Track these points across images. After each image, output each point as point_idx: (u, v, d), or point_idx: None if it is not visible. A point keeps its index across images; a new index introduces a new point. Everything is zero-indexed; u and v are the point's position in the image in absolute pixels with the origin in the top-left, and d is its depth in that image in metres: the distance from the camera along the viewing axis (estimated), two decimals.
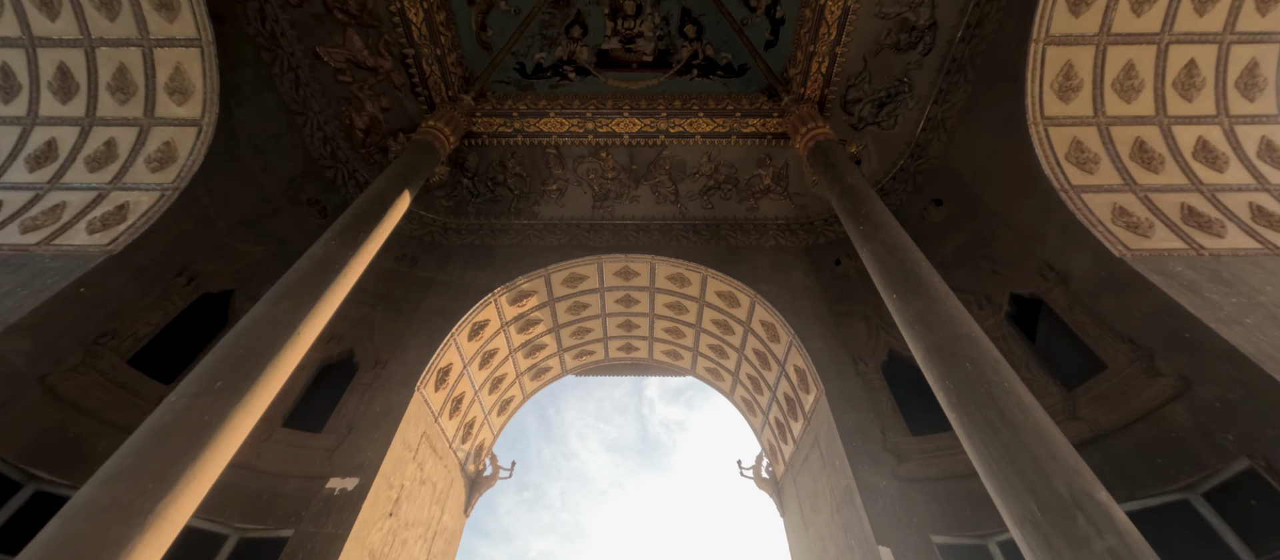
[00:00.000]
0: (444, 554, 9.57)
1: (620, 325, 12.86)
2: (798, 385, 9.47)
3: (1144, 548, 3.55)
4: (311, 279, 6.09)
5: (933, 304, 5.64)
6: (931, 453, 7.13)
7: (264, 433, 7.21)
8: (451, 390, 9.65)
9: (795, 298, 10.00)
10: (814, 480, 8.83)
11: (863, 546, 6.73)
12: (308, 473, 7.04)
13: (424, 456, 8.66)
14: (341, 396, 8.07)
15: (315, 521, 6.54)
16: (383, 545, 7.28)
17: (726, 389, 13.04)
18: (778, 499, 10.95)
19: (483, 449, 11.64)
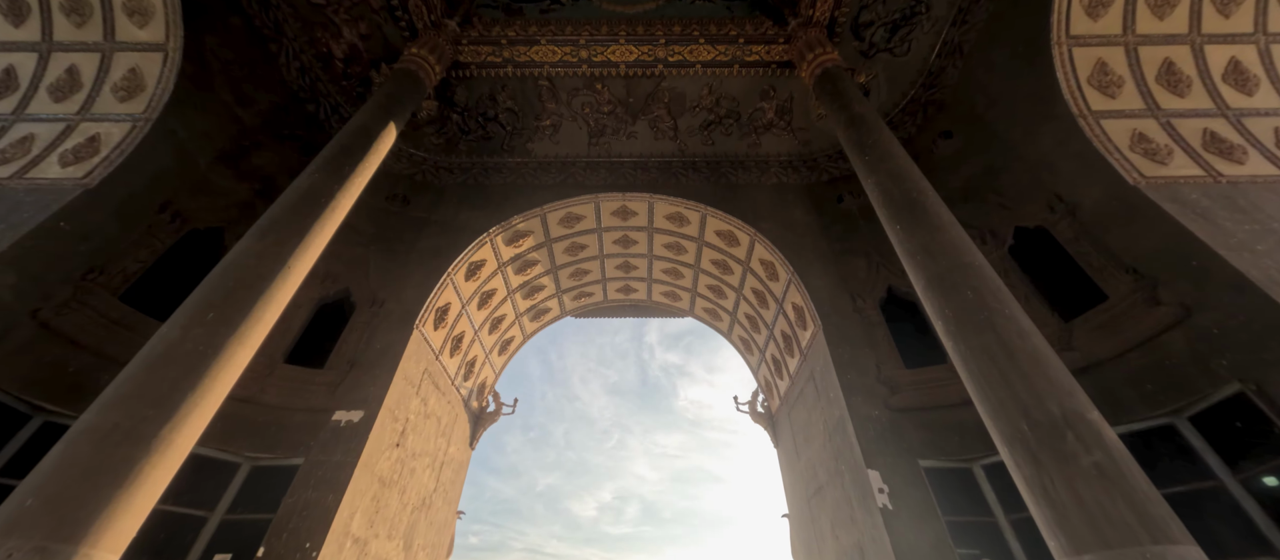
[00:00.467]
0: (452, 482, 10.03)
1: (619, 267, 12.77)
2: (795, 323, 9.52)
3: (1130, 463, 3.63)
4: (298, 213, 5.90)
5: (936, 234, 5.50)
6: (923, 385, 7.26)
7: (266, 368, 7.30)
8: (451, 329, 9.70)
9: (796, 236, 9.84)
10: (808, 413, 9.08)
11: (852, 471, 6.99)
12: (312, 406, 7.18)
13: (427, 392, 8.84)
14: (341, 334, 8.11)
15: (324, 450, 6.75)
16: (392, 473, 7.57)
17: (724, 329, 13.17)
18: (772, 432, 11.34)
19: (485, 387, 11.91)
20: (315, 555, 5.84)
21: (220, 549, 6.00)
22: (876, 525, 6.23)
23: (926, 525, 6.01)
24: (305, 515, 6.15)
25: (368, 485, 6.89)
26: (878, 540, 6.21)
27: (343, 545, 6.33)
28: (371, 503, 7.01)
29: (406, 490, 8.05)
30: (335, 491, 6.36)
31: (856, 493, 6.86)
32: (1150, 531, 3.26)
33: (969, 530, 6.10)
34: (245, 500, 6.46)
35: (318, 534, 6.00)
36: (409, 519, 8.16)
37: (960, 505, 6.32)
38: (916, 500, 6.23)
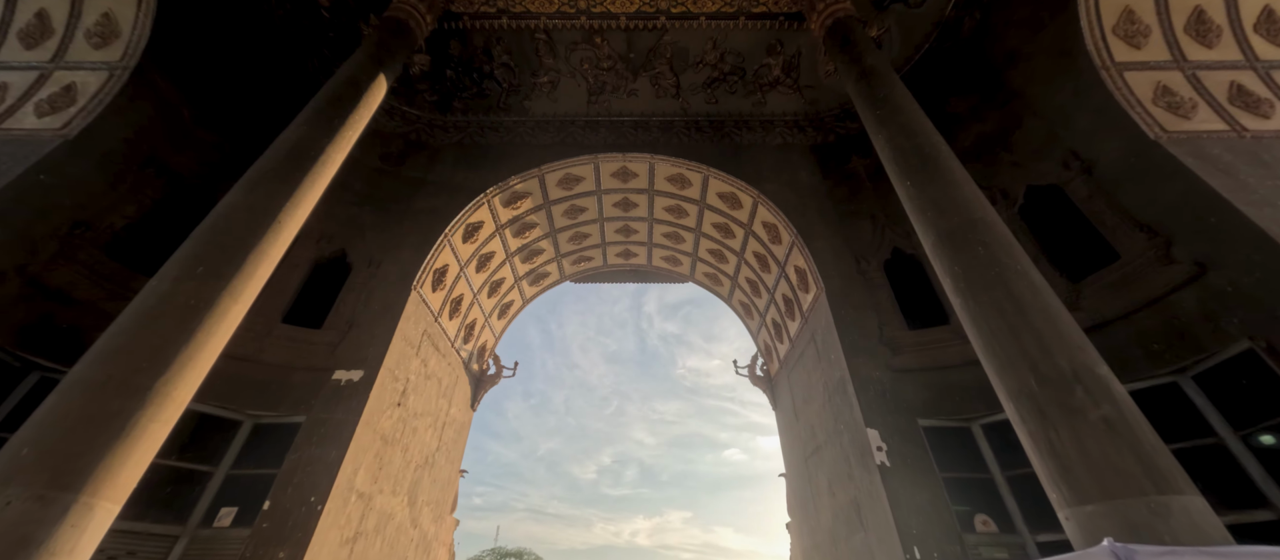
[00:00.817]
0: (454, 442, 10.16)
1: (618, 230, 12.58)
2: (797, 286, 9.43)
3: (1138, 416, 3.59)
4: (287, 166, 5.69)
5: (949, 189, 5.33)
6: (925, 346, 7.22)
7: (264, 327, 7.23)
8: (449, 291, 9.61)
9: (800, 197, 9.63)
10: (807, 375, 9.10)
11: (851, 430, 7.05)
12: (312, 365, 7.16)
13: (427, 353, 8.83)
14: (338, 295, 8.01)
15: (326, 408, 6.76)
16: (394, 431, 7.63)
17: (724, 294, 13.10)
18: (771, 394, 11.44)
19: (485, 349, 11.93)
20: (320, 508, 5.92)
21: (226, 502, 6.08)
22: (874, 482, 6.31)
23: (923, 481, 6.09)
24: (309, 470, 6.21)
25: (370, 443, 6.94)
26: (874, 496, 6.30)
27: (347, 499, 6.42)
28: (374, 460, 7.08)
29: (409, 448, 8.14)
30: (338, 448, 6.40)
31: (855, 451, 6.93)
32: (1155, 482, 3.24)
33: (965, 486, 6.18)
34: (249, 456, 6.51)
35: (322, 488, 6.07)
36: (413, 476, 8.29)
37: (957, 463, 6.39)
38: (914, 458, 6.28)
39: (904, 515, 5.83)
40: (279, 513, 5.88)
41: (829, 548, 7.88)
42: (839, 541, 7.46)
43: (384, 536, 7.35)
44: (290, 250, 8.24)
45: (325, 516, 5.95)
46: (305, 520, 5.83)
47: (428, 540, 8.91)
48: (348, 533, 6.46)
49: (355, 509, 6.61)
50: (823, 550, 8.17)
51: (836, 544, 7.55)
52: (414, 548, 8.35)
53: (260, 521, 5.82)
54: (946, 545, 5.62)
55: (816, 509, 8.47)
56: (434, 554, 9.14)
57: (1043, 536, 5.66)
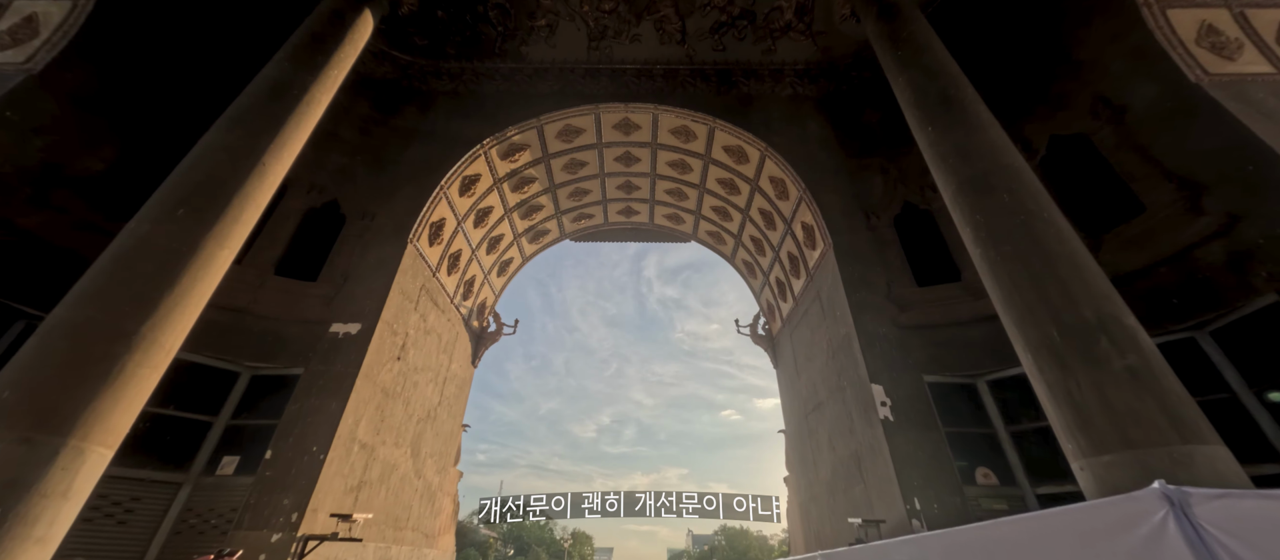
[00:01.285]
0: (456, 397, 10.20)
1: (620, 187, 12.22)
2: (803, 242, 9.20)
3: (1163, 367, 3.45)
4: (269, 105, 5.35)
5: (973, 134, 5.02)
6: (934, 302, 7.08)
7: (257, 279, 7.05)
8: (447, 246, 9.38)
9: (809, 150, 9.25)
10: (811, 332, 9.02)
11: (855, 385, 7.00)
12: (308, 318, 7.02)
13: (426, 308, 8.69)
14: (333, 247, 7.79)
15: (324, 361, 6.67)
16: (394, 385, 7.58)
17: (727, 253, 12.89)
18: (772, 353, 11.42)
19: (485, 307, 11.82)
20: (323, 457, 5.92)
21: (228, 452, 6.07)
22: (876, 436, 6.30)
23: (927, 436, 6.07)
24: (309, 421, 6.17)
25: (371, 395, 6.89)
26: (876, 449, 6.31)
27: (350, 450, 6.43)
28: (376, 412, 7.06)
29: (410, 402, 8.13)
30: (338, 399, 6.34)
31: (858, 406, 6.90)
32: (1180, 432, 3.14)
33: (969, 441, 6.17)
34: (248, 407, 6.47)
35: (324, 437, 6.05)
36: (415, 429, 8.33)
37: (962, 418, 6.36)
38: (918, 413, 6.25)
39: (905, 467, 5.84)
40: (282, 461, 5.88)
41: (826, 500, 8.02)
42: (837, 493, 7.56)
43: (388, 486, 7.44)
44: (281, 200, 8.00)
45: (328, 465, 5.96)
46: (308, 469, 5.84)
47: (432, 490, 9.07)
48: (352, 481, 6.51)
49: (358, 459, 6.63)
50: (820, 502, 8.32)
51: (834, 496, 7.67)
52: (419, 497, 8.50)
53: (263, 470, 5.82)
54: (947, 496, 5.66)
55: (816, 463, 8.57)
56: (439, 503, 9.32)
57: (1043, 489, 5.68)
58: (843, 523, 7.10)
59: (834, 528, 7.67)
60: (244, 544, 5.37)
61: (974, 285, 6.94)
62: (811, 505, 8.79)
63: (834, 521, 7.67)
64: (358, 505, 6.60)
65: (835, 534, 7.55)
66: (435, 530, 9.15)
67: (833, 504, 7.72)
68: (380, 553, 7.16)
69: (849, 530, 6.79)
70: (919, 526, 5.45)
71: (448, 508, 9.74)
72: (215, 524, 5.61)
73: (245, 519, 5.52)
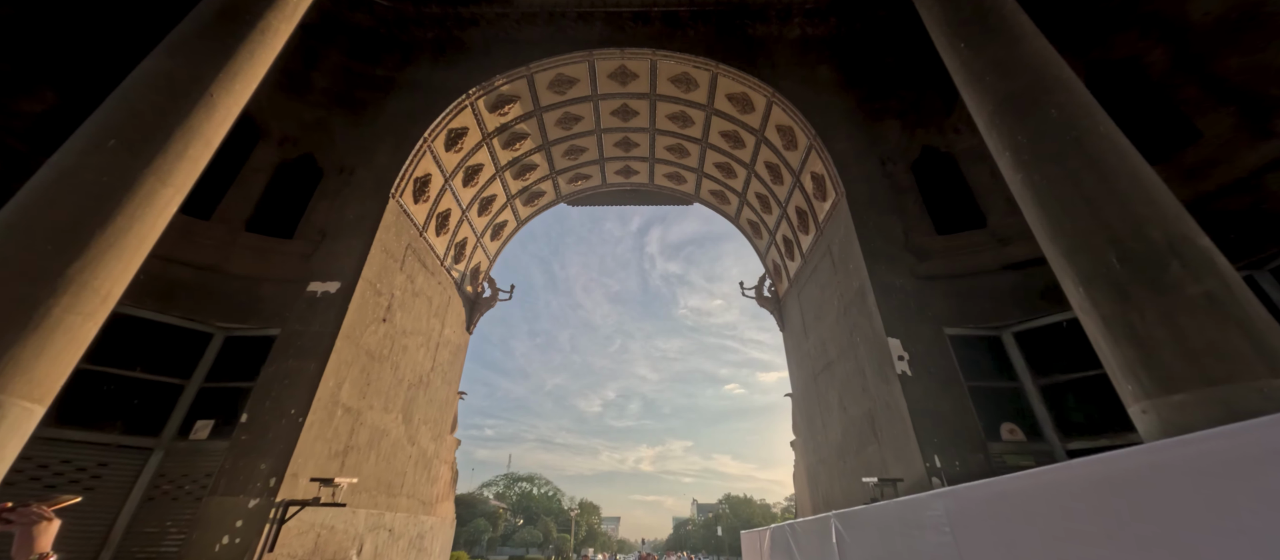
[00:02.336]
0: (450, 364, 9.85)
1: (618, 143, 11.57)
2: (813, 194, 8.62)
3: (1245, 291, 2.95)
4: (216, 29, 4.75)
5: (1013, 47, 4.40)
6: (956, 251, 6.55)
7: (227, 236, 6.58)
8: (434, 204, 8.85)
9: (819, 96, 8.58)
10: (820, 290, 8.53)
11: (869, 342, 6.55)
12: (284, 276, 6.58)
13: (413, 269, 8.24)
14: (309, 203, 7.28)
15: (302, 320, 6.25)
16: (381, 348, 7.19)
17: (731, 212, 12.31)
18: (778, 314, 10.98)
19: (480, 272, 11.37)
20: (302, 420, 5.56)
21: (201, 415, 5.72)
22: (893, 392, 5.88)
23: (947, 391, 5.65)
24: (287, 383, 5.80)
25: (354, 357, 6.50)
26: (892, 406, 5.90)
27: (333, 413, 6.07)
28: (361, 375, 6.68)
29: (400, 367, 7.76)
30: (317, 360, 5.95)
31: (872, 363, 6.47)
32: (1271, 363, 2.66)
33: (993, 396, 5.75)
34: (222, 369, 6.10)
35: (302, 399, 5.68)
36: (406, 395, 7.99)
37: (985, 372, 5.93)
38: (938, 367, 5.81)
39: (925, 424, 5.44)
40: (258, 425, 5.53)
41: (836, 463, 7.68)
42: (848, 455, 7.22)
43: (379, 452, 7.13)
44: (250, 152, 7.46)
45: (309, 429, 5.61)
46: (287, 432, 5.49)
47: (428, 458, 8.80)
48: (337, 446, 6.18)
49: (343, 423, 6.29)
50: (829, 466, 7.99)
51: (845, 458, 7.32)
52: (413, 464, 8.22)
53: (238, 434, 5.48)
54: (969, 453, 5.26)
55: (825, 425, 8.21)
56: (435, 471, 9.08)
57: (1074, 444, 5.28)
58: (855, 484, 6.77)
59: (844, 490, 7.35)
60: (219, 510, 5.06)
61: (1001, 230, 6.40)
62: (820, 468, 8.48)
63: (844, 483, 7.35)
64: (344, 470, 6.29)
65: (846, 496, 7.24)
66: (433, 497, 8.93)
67: (843, 466, 7.38)
68: (372, 520, 6.91)
69: (862, 492, 6.45)
70: (939, 484, 5.07)
71: (445, 475, 9.51)
72: (189, 490, 5.29)
73: (220, 484, 5.20)
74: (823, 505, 8.19)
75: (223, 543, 4.90)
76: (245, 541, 4.91)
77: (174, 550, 4.93)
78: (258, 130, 7.50)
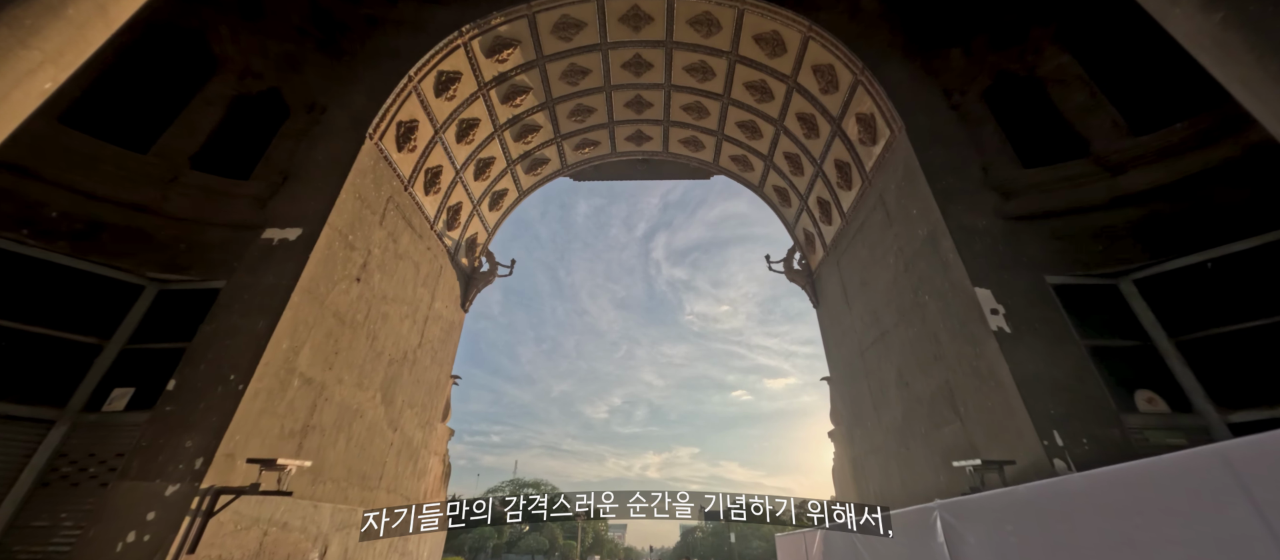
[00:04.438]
0: (442, 342, 8.71)
1: (629, 103, 10.45)
2: (858, 140, 7.43)
3: None
4: None
5: None
6: (1052, 185, 5.33)
7: (166, 172, 5.50)
8: (422, 157, 7.76)
9: (864, 26, 7.40)
10: (869, 250, 7.31)
11: (942, 297, 5.33)
12: (234, 221, 5.50)
13: (396, 226, 7.13)
14: (271, 142, 6.21)
15: (252, 271, 5.15)
16: (353, 311, 6.07)
17: (755, 180, 11.13)
18: (811, 289, 9.76)
19: (476, 243, 10.26)
20: (242, 387, 4.44)
21: (120, 382, 4.61)
22: (984, 354, 4.66)
23: (1059, 351, 4.42)
24: (228, 343, 4.69)
25: (317, 318, 5.38)
26: (984, 372, 4.68)
27: (287, 383, 4.94)
28: (327, 341, 5.56)
29: (378, 337, 6.64)
30: (267, 317, 4.84)
31: (948, 322, 5.25)
32: None
33: (1117, 357, 4.51)
34: (152, 328, 5.00)
35: (244, 364, 4.56)
36: (386, 371, 6.85)
37: (1102, 328, 4.69)
38: (1045, 323, 4.59)
39: (1036, 393, 4.21)
40: (188, 393, 4.41)
41: (895, 450, 6.43)
42: (913, 440, 5.97)
43: (350, 436, 6.00)
44: (205, 85, 6.41)
45: (252, 399, 4.48)
46: (221, 402, 4.36)
47: (414, 447, 7.65)
48: (292, 424, 5.05)
49: (302, 397, 5.16)
50: (885, 454, 6.74)
51: (908, 444, 6.08)
52: (396, 453, 7.08)
53: (163, 404, 4.37)
54: (1099, 429, 4.03)
55: (877, 407, 6.97)
56: (423, 462, 7.92)
57: (1238, 415, 4.02)
58: (929, 473, 5.53)
59: (908, 481, 6.10)
60: (128, 499, 3.93)
61: (1111, 156, 5.17)
62: (870, 459, 7.22)
63: (908, 474, 6.10)
64: (303, 454, 5.15)
65: (909, 488, 5.99)
66: (420, 493, 7.77)
67: (906, 453, 6.14)
68: (342, 516, 5.76)
69: (938, 482, 5.20)
70: (1065, 468, 3.83)
71: (436, 468, 8.36)
72: (94, 473, 4.17)
73: (133, 467, 4.08)
74: (876, 501, 6.90)
75: (128, 540, 3.77)
76: (157, 538, 3.78)
77: (65, 549, 3.80)
78: (214, 60, 6.46)
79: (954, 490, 5.03)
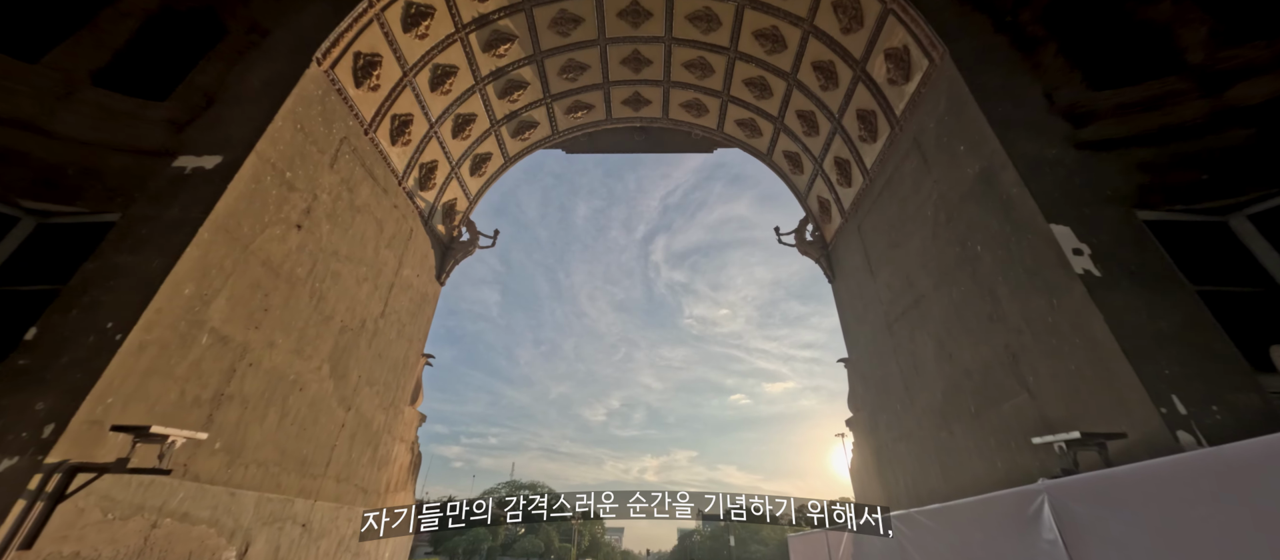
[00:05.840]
0: (411, 315, 7.72)
1: (625, 61, 9.51)
2: (887, 79, 6.48)
3: None
4: None
5: None
6: (1136, 107, 4.38)
7: (58, 86, 4.54)
8: (388, 100, 6.81)
9: None
10: (900, 205, 6.35)
11: (1000, 244, 4.38)
12: (141, 147, 4.53)
13: (353, 175, 6.16)
14: (198, 62, 5.25)
15: (155, 203, 4.19)
16: (293, 264, 5.09)
17: (763, 147, 10.18)
18: (826, 261, 8.80)
19: (456, 211, 9.30)
20: (120, 339, 3.47)
21: None
22: (1064, 306, 3.71)
23: (1168, 298, 3.46)
24: (111, 285, 3.72)
25: (238, 264, 4.41)
26: (1063, 328, 3.72)
27: (191, 338, 3.97)
28: (252, 293, 4.59)
29: (326, 298, 5.66)
30: (164, 255, 3.87)
31: (1012, 273, 4.29)
32: None
33: (1233, 306, 3.55)
34: (26, 268, 4.03)
35: (127, 311, 3.59)
36: (337, 339, 5.87)
37: (1213, 272, 3.73)
38: (1143, 265, 3.64)
39: (1143, 350, 3.25)
40: (49, 345, 3.44)
41: (936, 434, 5.45)
42: (958, 420, 5.00)
43: (285, 411, 5.01)
44: None
45: (132, 353, 3.51)
46: (91, 356, 3.39)
47: (375, 432, 6.66)
48: (200, 390, 4.07)
49: (214, 357, 4.18)
50: (921, 439, 5.76)
51: (952, 426, 5.11)
52: (349, 437, 6.09)
53: (16, 357, 3.39)
54: (1231, 393, 3.06)
55: (909, 387, 6.00)
56: (387, 450, 6.93)
57: None
58: (971, 460, 4.56)
59: (949, 470, 5.13)
60: None
61: (1214, 67, 4.22)
62: (900, 446, 6.24)
63: (949, 461, 5.12)
64: (215, 428, 4.17)
65: (951, 480, 5.01)
66: (381, 485, 6.77)
67: (949, 437, 5.16)
68: (272, 507, 4.78)
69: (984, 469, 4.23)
70: (1194, 442, 2.87)
71: (402, 458, 7.36)
72: None
73: None
74: (907, 496, 5.93)
75: None
76: None
77: None
78: None
79: (1016, 477, 4.06)
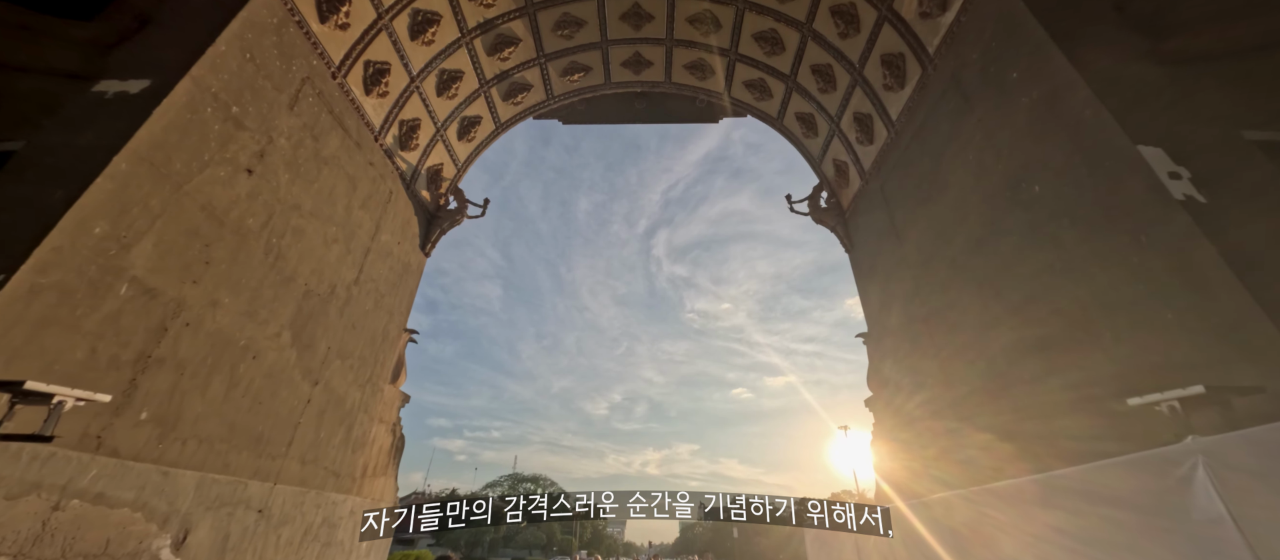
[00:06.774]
0: (391, 286, 7.07)
1: (625, 15, 8.78)
2: (920, 13, 5.77)
3: None
4: None
5: None
6: (1233, 13, 3.67)
7: None
8: (361, 44, 6.12)
9: None
10: (933, 157, 5.66)
11: (1072, 177, 3.71)
12: (57, 69, 3.90)
13: (317, 119, 5.49)
14: None
15: (67, 129, 3.54)
16: (240, 213, 4.44)
17: (774, 109, 9.45)
18: (842, 229, 8.12)
19: (442, 177, 8.63)
20: (3, 280, 2.82)
21: None
22: (1157, 242, 3.03)
23: None
24: (4, 219, 3.07)
25: (166, 204, 3.76)
26: (1154, 268, 3.05)
27: (105, 286, 3.33)
28: (188, 241, 3.95)
29: (285, 258, 5.01)
30: (68, 186, 3.22)
31: (1081, 209, 3.64)
32: None
33: None
34: None
35: (19, 244, 2.94)
36: (300, 304, 5.23)
37: None
38: (1259, 188, 2.94)
39: (1272, 284, 2.57)
40: None
41: (981, 402, 4.79)
42: (1009, 389, 4.34)
43: (234, 380, 4.38)
44: None
45: (21, 297, 2.89)
46: None
47: (347, 409, 6.03)
48: (122, 350, 3.44)
49: (136, 311, 3.55)
50: (960, 414, 5.11)
51: (997, 395, 4.44)
52: (316, 414, 5.46)
53: None
54: None
55: (942, 357, 5.33)
56: (362, 431, 6.31)
57: None
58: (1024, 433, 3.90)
59: (992, 446, 4.47)
60: None
61: None
62: (932, 424, 5.59)
63: (994, 435, 4.46)
64: (141, 395, 3.54)
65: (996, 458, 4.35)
66: (355, 469, 6.16)
67: (994, 409, 4.50)
68: (220, 490, 4.16)
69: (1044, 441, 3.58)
70: None
71: (381, 439, 6.75)
72: None
73: None
74: (936, 479, 5.28)
75: None
76: None
77: None
78: None
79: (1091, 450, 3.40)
